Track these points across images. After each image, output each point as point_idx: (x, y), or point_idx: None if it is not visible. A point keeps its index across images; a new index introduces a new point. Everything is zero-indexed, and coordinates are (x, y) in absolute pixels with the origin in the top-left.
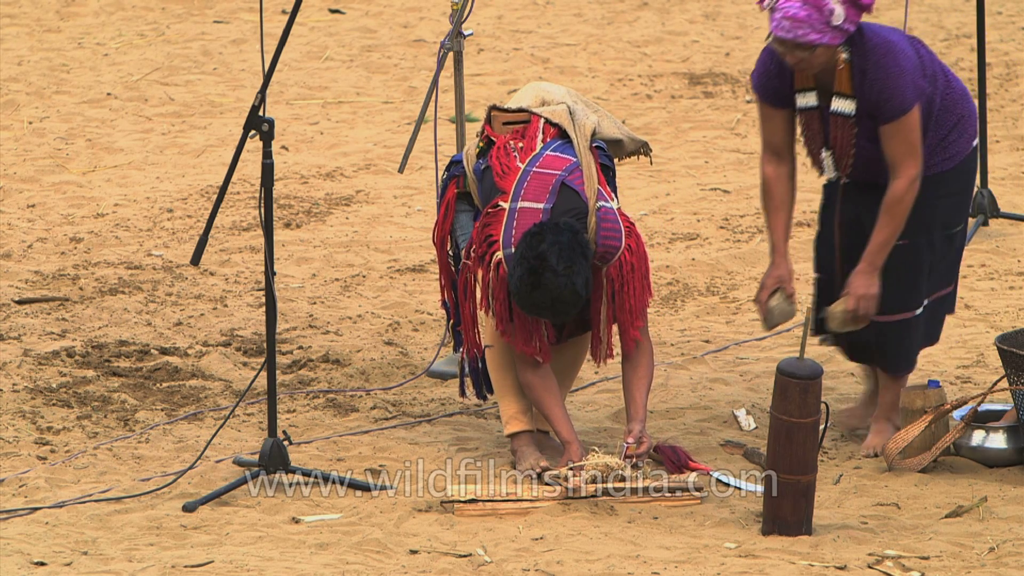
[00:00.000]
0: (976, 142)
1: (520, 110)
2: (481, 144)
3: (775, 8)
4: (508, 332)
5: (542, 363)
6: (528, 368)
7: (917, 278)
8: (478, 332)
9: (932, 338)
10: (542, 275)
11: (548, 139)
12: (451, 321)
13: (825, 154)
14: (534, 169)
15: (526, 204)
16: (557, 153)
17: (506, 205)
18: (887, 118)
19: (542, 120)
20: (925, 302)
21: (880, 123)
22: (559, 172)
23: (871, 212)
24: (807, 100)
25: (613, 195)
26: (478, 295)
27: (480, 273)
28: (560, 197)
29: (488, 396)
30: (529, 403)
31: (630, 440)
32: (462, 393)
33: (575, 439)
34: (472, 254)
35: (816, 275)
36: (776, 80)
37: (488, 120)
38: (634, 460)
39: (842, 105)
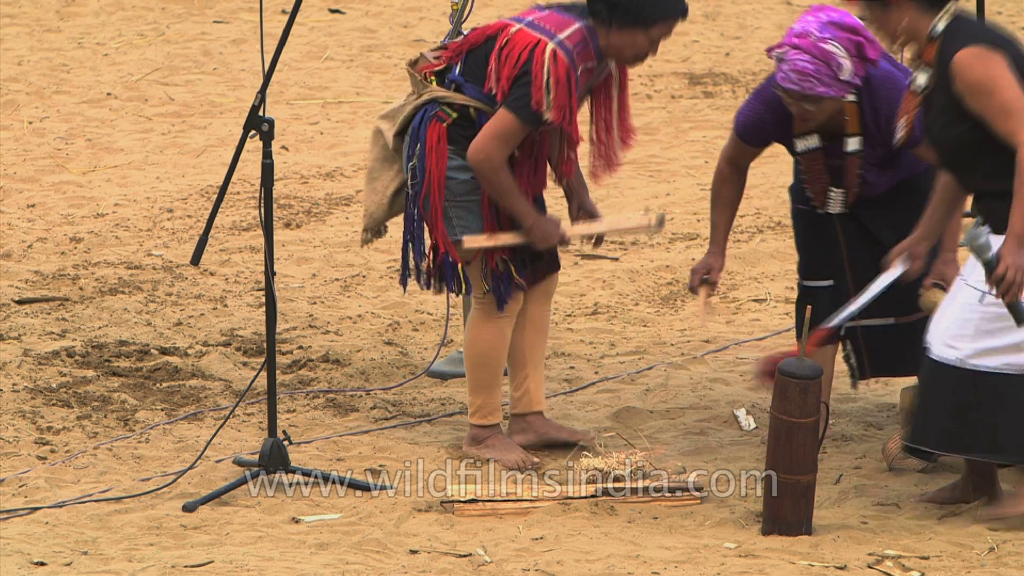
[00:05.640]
0: None
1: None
2: (432, 78)
3: (783, 59)
4: (567, 120)
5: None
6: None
7: None
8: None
9: None
10: None
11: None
12: (456, 263)
13: (834, 192)
14: (532, 18)
15: (546, 13)
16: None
17: (524, 26)
18: (915, 143)
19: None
20: None
21: (907, 148)
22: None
23: (874, 218)
24: (809, 143)
25: None
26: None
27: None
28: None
29: (456, 290)
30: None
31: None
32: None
33: (537, 216)
34: (501, 79)
35: (810, 283)
36: (770, 129)
37: (414, 65)
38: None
39: (851, 144)
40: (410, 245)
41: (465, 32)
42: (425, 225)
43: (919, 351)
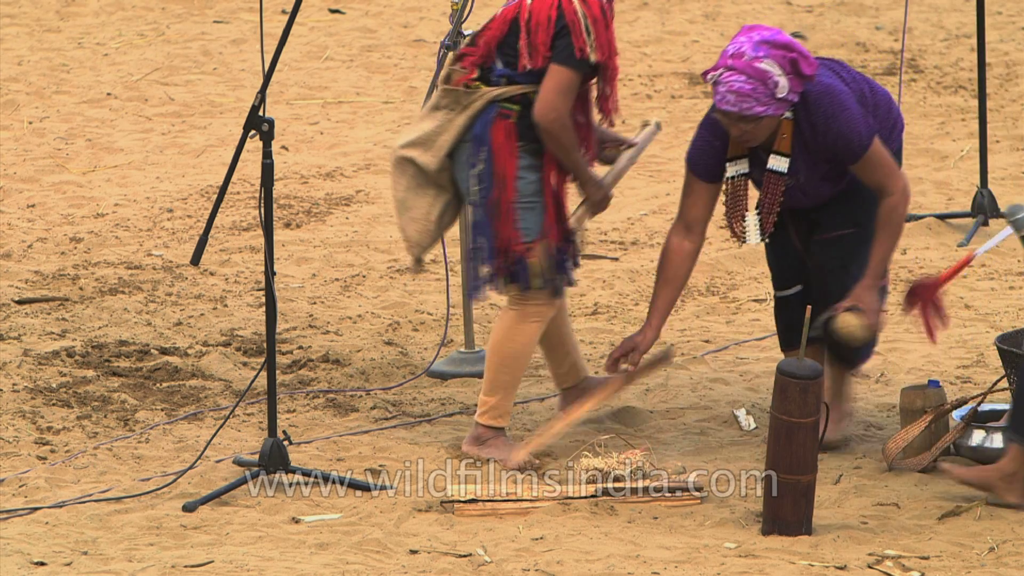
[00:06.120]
0: (901, 139)
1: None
2: (475, 84)
3: (719, 81)
4: (609, 55)
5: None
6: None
7: (855, 268)
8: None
9: None
10: None
11: None
12: (526, 259)
13: (750, 217)
14: None
15: None
16: None
17: None
18: (854, 158)
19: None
20: None
21: (848, 164)
22: None
23: (825, 216)
24: (739, 167)
25: None
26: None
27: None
28: None
29: (526, 286)
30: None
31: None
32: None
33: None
34: (538, 46)
35: (780, 292)
36: (719, 154)
37: (448, 81)
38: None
39: (778, 163)
40: (476, 252)
41: (465, 32)
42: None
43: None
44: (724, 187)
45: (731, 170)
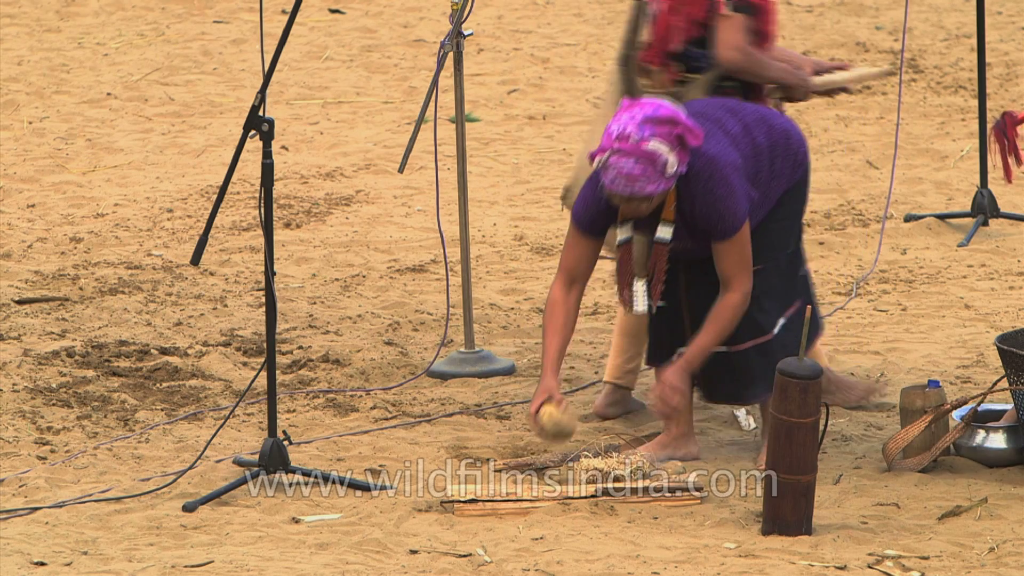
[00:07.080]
0: (806, 165)
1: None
2: (684, 76)
3: (607, 165)
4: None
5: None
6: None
7: (767, 301)
8: None
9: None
10: None
11: None
12: None
13: (637, 284)
14: None
15: None
16: None
17: None
18: (720, 237)
19: None
20: (781, 321)
21: (713, 241)
22: None
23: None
24: (625, 233)
25: None
26: None
27: None
28: None
29: None
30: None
31: None
32: None
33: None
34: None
35: (650, 366)
36: (604, 213)
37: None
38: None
39: (663, 232)
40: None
41: (466, 32)
42: None
43: (743, 382)
44: (615, 252)
45: (620, 235)
